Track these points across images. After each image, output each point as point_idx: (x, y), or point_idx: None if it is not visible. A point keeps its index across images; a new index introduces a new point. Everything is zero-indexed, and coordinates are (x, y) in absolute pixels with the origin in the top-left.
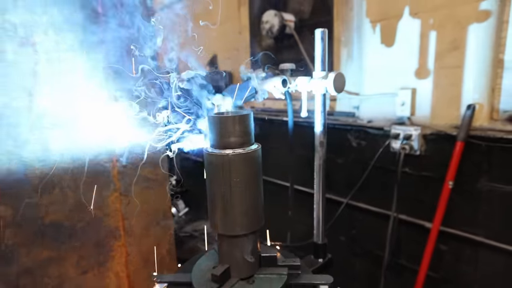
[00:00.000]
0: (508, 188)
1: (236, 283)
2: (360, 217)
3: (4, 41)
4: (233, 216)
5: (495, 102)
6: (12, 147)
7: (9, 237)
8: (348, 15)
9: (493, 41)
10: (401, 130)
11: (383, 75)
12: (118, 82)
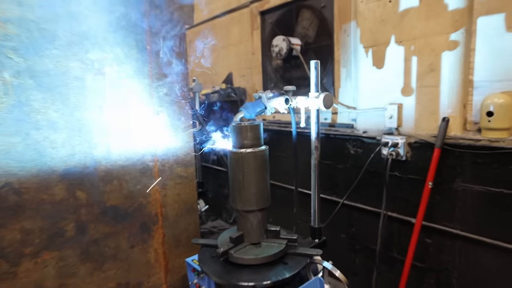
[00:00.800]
0: (477, 187)
1: (247, 245)
2: (357, 216)
3: (85, 72)
4: (246, 196)
5: (467, 115)
6: (87, 148)
7: (84, 214)
8: (345, 40)
9: (462, 65)
10: (390, 139)
11: (375, 92)
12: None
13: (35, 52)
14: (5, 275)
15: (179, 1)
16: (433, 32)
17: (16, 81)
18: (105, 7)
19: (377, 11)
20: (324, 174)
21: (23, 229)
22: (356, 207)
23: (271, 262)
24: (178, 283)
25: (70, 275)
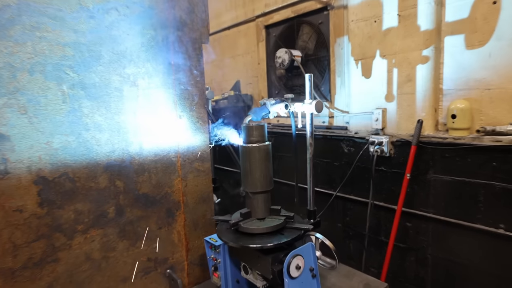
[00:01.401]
0: (446, 178)
1: (254, 220)
2: (350, 207)
3: (123, 84)
4: (252, 180)
5: (438, 118)
6: (124, 146)
7: (122, 200)
8: (340, 53)
9: (433, 76)
10: (376, 138)
11: (364, 99)
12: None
13: (85, 68)
14: (63, 246)
15: (198, 25)
16: (409, 48)
17: (72, 92)
18: (139, 31)
19: (365, 29)
20: (323, 170)
21: (76, 210)
22: (349, 198)
23: (272, 232)
24: (197, 261)
25: (111, 249)
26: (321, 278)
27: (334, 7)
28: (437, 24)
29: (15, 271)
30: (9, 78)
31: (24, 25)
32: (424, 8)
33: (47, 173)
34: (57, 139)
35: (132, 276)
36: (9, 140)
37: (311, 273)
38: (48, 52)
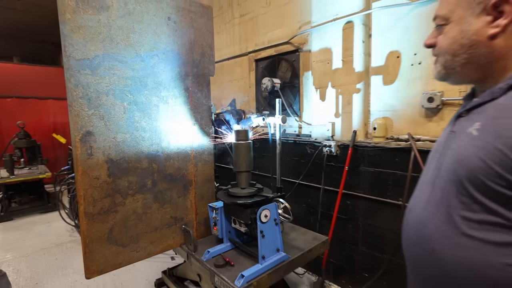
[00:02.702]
0: (370, 169)
1: (239, 188)
2: (311, 191)
3: (159, 102)
4: (239, 163)
5: (367, 129)
6: (158, 142)
7: (156, 176)
8: (306, 82)
9: (364, 101)
10: (327, 142)
11: (321, 115)
12: (195, 118)
13: (138, 92)
14: (120, 203)
15: (206, 63)
16: (349, 82)
17: (129, 106)
18: (170, 68)
19: (321, 68)
20: (293, 166)
21: (128, 181)
22: (309, 185)
23: (251, 196)
24: (202, 221)
25: (148, 208)
26: (285, 234)
27: (303, 50)
28: (366, 68)
29: (94, 215)
30: (96, 98)
31: (105, 67)
32: (358, 57)
33: (113, 157)
34: (119, 135)
35: (161, 226)
36: (94, 135)
37: (274, 222)
38: (117, 82)
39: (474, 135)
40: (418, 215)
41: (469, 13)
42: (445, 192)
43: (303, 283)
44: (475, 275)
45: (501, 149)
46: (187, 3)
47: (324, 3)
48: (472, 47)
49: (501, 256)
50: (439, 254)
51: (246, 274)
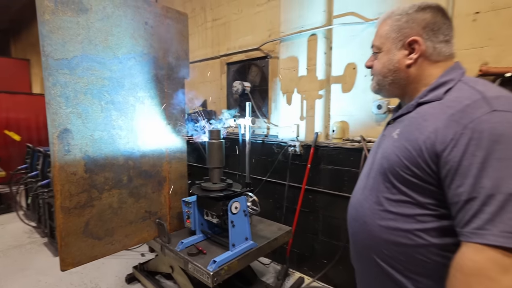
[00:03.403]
0: (329, 167)
1: (211, 183)
2: (277, 187)
3: (136, 102)
4: (212, 160)
5: (327, 131)
6: (134, 140)
7: (131, 172)
8: (274, 87)
9: (325, 106)
10: (292, 143)
11: (287, 118)
12: (169, 118)
13: (115, 92)
14: (96, 198)
15: (181, 67)
16: (312, 89)
17: (106, 106)
18: (147, 71)
19: (288, 74)
20: (261, 165)
21: (105, 176)
22: (276, 182)
23: (222, 190)
24: (175, 215)
25: (123, 202)
26: (253, 226)
27: (272, 57)
28: (327, 76)
29: (70, 209)
30: (74, 97)
31: (83, 67)
32: (320, 66)
33: (90, 153)
34: (96, 133)
35: (136, 220)
36: (71, 132)
37: (243, 213)
38: (95, 82)
39: (395, 138)
40: (357, 199)
41: (393, 47)
42: (375, 180)
43: (269, 272)
44: (392, 237)
45: (408, 148)
46: (163, 10)
47: (292, 16)
48: (396, 72)
49: (409, 223)
50: (370, 225)
51: (218, 260)
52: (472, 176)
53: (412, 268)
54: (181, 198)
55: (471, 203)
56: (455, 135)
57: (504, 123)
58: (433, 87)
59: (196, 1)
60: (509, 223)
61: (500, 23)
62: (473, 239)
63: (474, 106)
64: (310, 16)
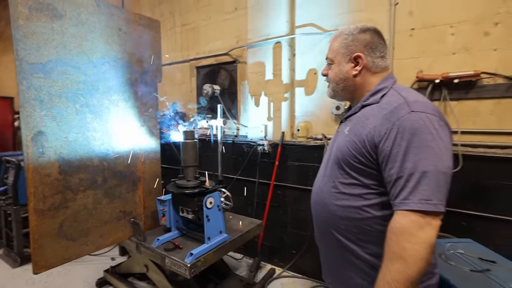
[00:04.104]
0: (295, 163)
1: (185, 181)
2: (247, 185)
3: (110, 105)
4: (186, 159)
5: (293, 131)
6: (109, 141)
7: (106, 173)
8: (243, 90)
9: (290, 108)
10: (261, 142)
11: (256, 118)
12: (143, 120)
13: (89, 95)
14: (71, 199)
15: (155, 71)
16: (278, 92)
17: (81, 108)
18: (121, 75)
19: (256, 78)
20: (232, 164)
21: (79, 178)
22: (246, 180)
23: (197, 186)
24: (150, 215)
25: (98, 203)
26: (226, 221)
27: (240, 62)
28: (292, 80)
29: (44, 211)
30: (48, 100)
31: (58, 71)
32: (285, 71)
33: (65, 155)
34: (71, 135)
35: (110, 220)
36: (45, 135)
37: (217, 208)
38: (70, 86)
39: (346, 134)
40: (318, 186)
41: (343, 60)
42: (332, 169)
43: (242, 266)
44: (346, 213)
45: (355, 141)
46: (136, 17)
47: (258, 25)
48: (345, 80)
49: (358, 201)
50: (329, 206)
51: (195, 252)
52: (399, 160)
53: (362, 237)
54: (155, 197)
55: (399, 181)
56: (387, 130)
57: (419, 120)
58: (373, 93)
59: (164, 7)
60: (424, 193)
61: (430, 38)
62: (400, 207)
63: (399, 108)
64: (274, 25)
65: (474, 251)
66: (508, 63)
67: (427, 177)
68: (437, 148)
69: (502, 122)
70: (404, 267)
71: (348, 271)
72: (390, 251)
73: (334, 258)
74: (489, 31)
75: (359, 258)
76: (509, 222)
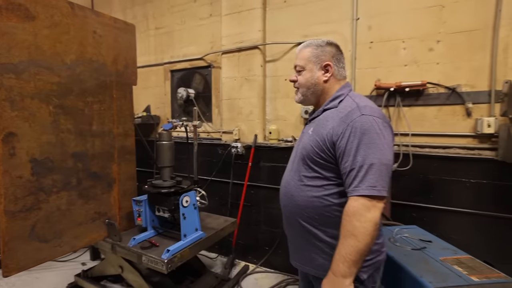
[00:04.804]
0: (268, 164)
1: (162, 181)
2: (222, 186)
3: (85, 107)
4: (163, 160)
5: (265, 133)
6: (84, 142)
7: (81, 175)
8: (217, 94)
9: (262, 112)
10: (235, 144)
11: (230, 122)
12: (118, 122)
13: (63, 97)
14: (44, 201)
15: (129, 74)
16: (251, 96)
17: (55, 110)
18: (96, 77)
19: (230, 83)
20: (207, 165)
21: (53, 179)
22: (221, 181)
23: (174, 186)
24: (125, 216)
25: (72, 204)
26: (202, 220)
27: (215, 66)
28: (264, 86)
29: (15, 212)
30: (20, 101)
31: (30, 72)
32: (258, 77)
33: (38, 156)
34: (44, 137)
35: (85, 221)
36: (17, 136)
37: (193, 206)
38: (43, 87)
39: (310, 134)
40: (286, 180)
41: (315, 67)
42: (299, 164)
43: (217, 265)
44: (309, 203)
45: (317, 140)
46: (111, 20)
47: (232, 32)
48: (316, 85)
49: (320, 192)
50: (295, 197)
51: (171, 249)
52: (352, 155)
53: (323, 222)
54: (130, 198)
55: (352, 172)
56: (343, 130)
57: (368, 122)
58: (332, 99)
59: (137, 9)
60: (370, 181)
61: (386, 51)
62: (352, 193)
63: (352, 112)
64: (248, 33)
65: (416, 235)
66: (448, 75)
67: (373, 168)
68: (380, 145)
69: (444, 126)
70: (355, 242)
71: (312, 253)
72: (344, 230)
73: (300, 243)
74: (433, 47)
75: (321, 241)
76: (449, 211)
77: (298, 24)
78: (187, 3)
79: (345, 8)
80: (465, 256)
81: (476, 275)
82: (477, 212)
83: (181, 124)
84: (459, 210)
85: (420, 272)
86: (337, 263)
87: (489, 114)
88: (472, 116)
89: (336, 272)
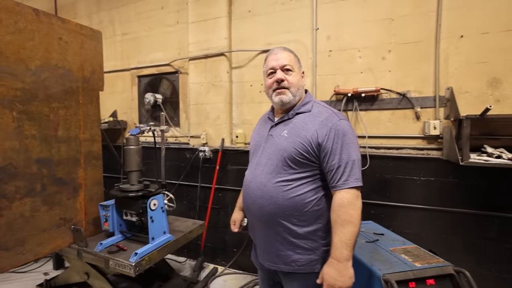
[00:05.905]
0: (234, 167)
1: (129, 185)
2: (190, 189)
3: (50, 112)
4: (130, 164)
5: (232, 137)
6: (49, 148)
7: (46, 180)
8: (184, 100)
9: (229, 116)
10: (203, 148)
11: (197, 126)
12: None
13: (28, 103)
14: (6, 208)
15: (96, 80)
16: (218, 101)
17: (18, 115)
18: (62, 83)
19: (197, 89)
20: (175, 170)
21: (16, 185)
22: (189, 184)
23: (141, 190)
24: (91, 221)
25: (36, 211)
26: (170, 224)
27: (182, 72)
28: (230, 91)
29: None
30: None
31: None
32: (224, 83)
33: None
34: (7, 143)
35: (49, 228)
36: None
37: (161, 209)
38: (6, 93)
39: (286, 136)
40: (259, 181)
41: (299, 71)
42: (276, 166)
43: (185, 269)
44: (291, 201)
45: (301, 142)
46: (77, 27)
47: (199, 39)
48: (302, 87)
49: (300, 190)
50: (275, 198)
51: (139, 252)
52: (338, 154)
53: (302, 218)
54: (97, 203)
55: (339, 169)
56: (327, 132)
57: (346, 126)
58: (303, 103)
59: (103, 14)
60: (356, 175)
61: (343, 59)
62: (344, 187)
63: (331, 116)
64: (214, 40)
65: (371, 229)
66: (399, 82)
67: (355, 164)
68: (356, 144)
69: (396, 128)
70: (353, 227)
71: (287, 250)
72: (341, 219)
73: (275, 243)
74: (385, 56)
75: (296, 237)
76: (403, 207)
77: (262, 32)
78: (154, 10)
79: (306, 19)
80: (412, 246)
81: (419, 261)
82: (426, 207)
83: (148, 129)
84: (412, 206)
85: (371, 261)
86: (340, 250)
87: (435, 117)
88: (420, 119)
89: (340, 258)
